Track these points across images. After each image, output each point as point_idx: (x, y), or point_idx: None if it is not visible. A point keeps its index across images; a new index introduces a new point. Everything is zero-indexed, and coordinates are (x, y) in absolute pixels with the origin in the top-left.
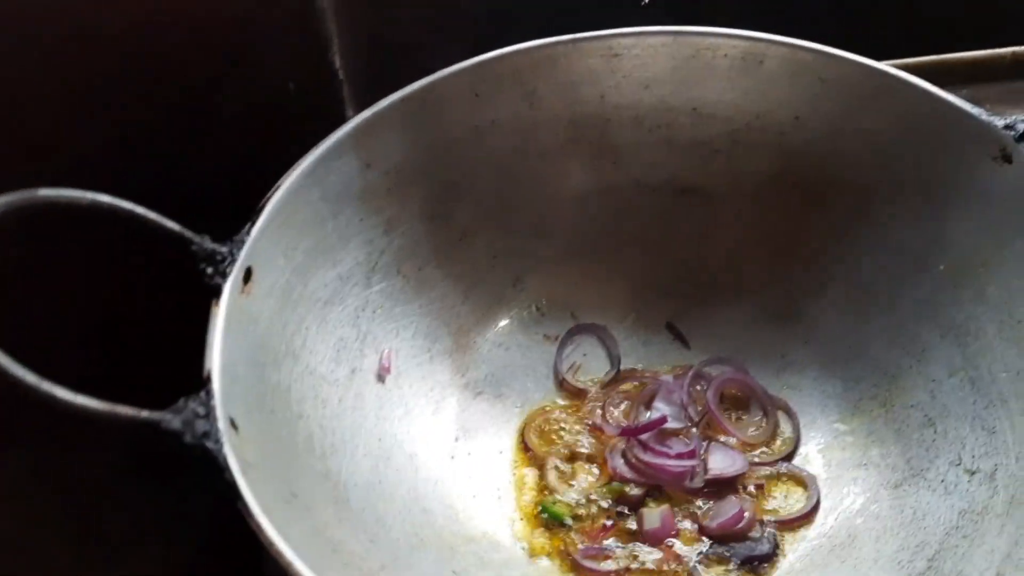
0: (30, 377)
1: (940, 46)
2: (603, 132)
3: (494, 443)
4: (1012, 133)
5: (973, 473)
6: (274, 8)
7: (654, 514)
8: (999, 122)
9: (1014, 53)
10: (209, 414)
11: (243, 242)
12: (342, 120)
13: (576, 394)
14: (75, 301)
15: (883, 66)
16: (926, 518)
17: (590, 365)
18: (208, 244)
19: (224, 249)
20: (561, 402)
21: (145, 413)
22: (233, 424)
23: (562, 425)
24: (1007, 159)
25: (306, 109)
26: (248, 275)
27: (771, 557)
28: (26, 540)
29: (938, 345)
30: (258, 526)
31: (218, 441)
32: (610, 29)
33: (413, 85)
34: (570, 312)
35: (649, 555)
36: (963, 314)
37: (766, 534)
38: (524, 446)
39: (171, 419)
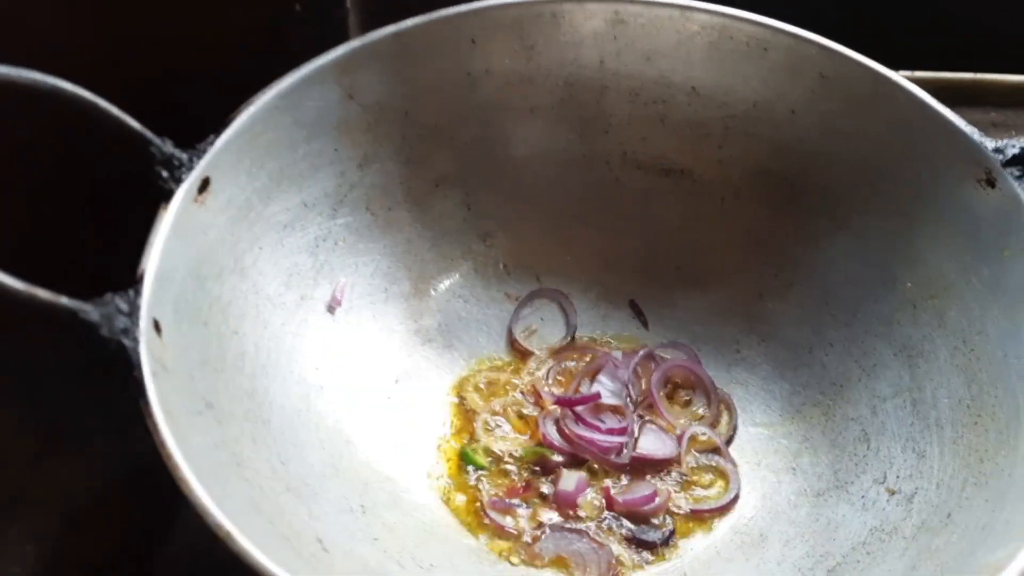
0: None
1: (971, 65)
2: (598, 99)
3: (434, 391)
4: (1000, 157)
5: (893, 493)
6: None
7: (571, 477)
8: (989, 144)
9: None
10: (133, 313)
11: (204, 151)
12: None
13: (524, 355)
14: (30, 190)
15: (883, 70)
16: (838, 530)
17: (545, 330)
18: (168, 148)
19: (184, 155)
20: (507, 361)
21: (64, 300)
22: (157, 327)
23: (502, 384)
24: (991, 183)
25: (310, 33)
26: (205, 185)
27: (654, 546)
28: None
29: (889, 362)
30: (153, 426)
31: (135, 339)
32: None
33: (408, 21)
34: (536, 275)
35: (549, 518)
36: (919, 334)
37: (665, 526)
38: (462, 398)
39: (90, 311)
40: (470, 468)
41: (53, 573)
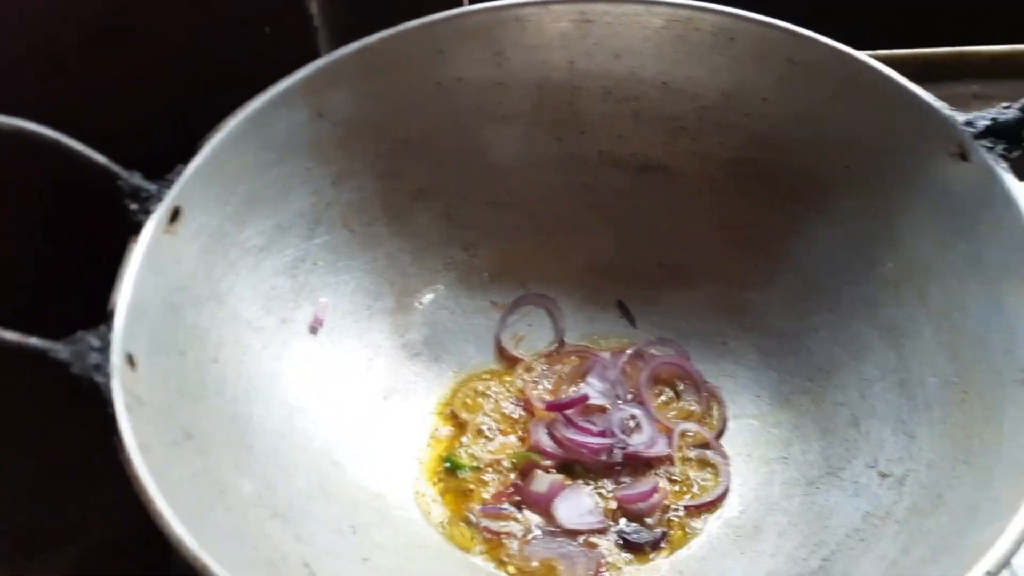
0: None
1: (925, 40)
2: (571, 100)
3: (423, 405)
4: (971, 130)
5: (885, 476)
6: None
7: (544, 479)
8: (960, 117)
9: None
10: (105, 348)
11: (173, 181)
12: None
13: (513, 363)
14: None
15: (852, 52)
16: (832, 517)
17: (534, 336)
18: (135, 180)
19: (152, 187)
20: (496, 370)
21: (33, 340)
22: (131, 360)
23: (493, 393)
24: (964, 157)
25: (281, 54)
26: (176, 215)
27: (641, 548)
28: None
29: (875, 345)
30: (127, 461)
31: (107, 375)
32: None
33: (373, 36)
34: (521, 282)
35: (537, 523)
36: (903, 315)
37: (659, 526)
38: (451, 409)
39: (60, 349)
40: (459, 476)
41: None
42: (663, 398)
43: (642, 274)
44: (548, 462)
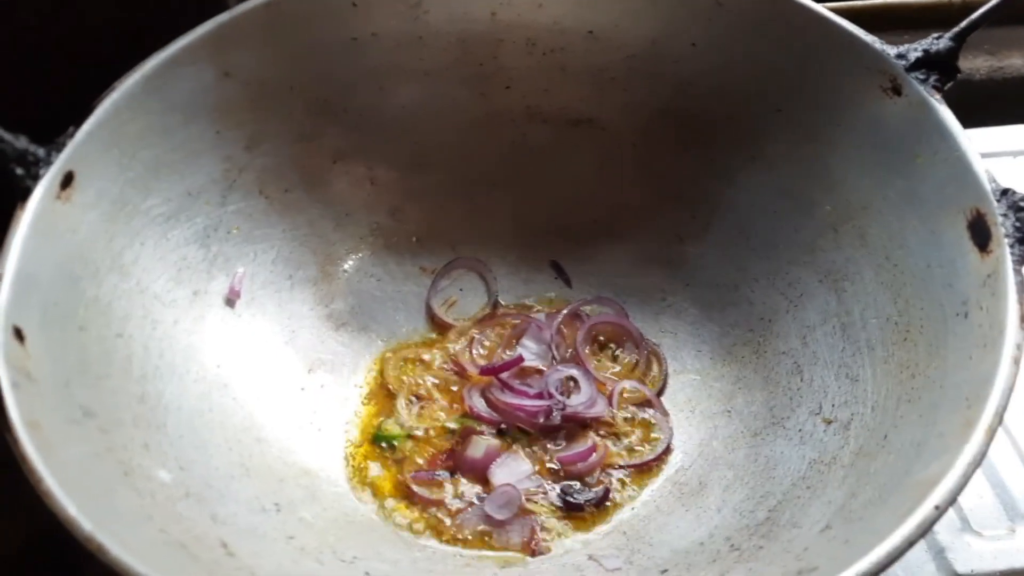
0: None
1: None
2: (495, 53)
3: (351, 376)
4: (903, 63)
5: (830, 423)
6: None
7: (481, 444)
8: (891, 51)
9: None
10: None
11: (64, 145)
12: None
13: (446, 329)
14: None
15: None
16: (777, 467)
17: (466, 301)
18: (21, 144)
19: (40, 151)
20: (428, 337)
21: None
22: (19, 334)
23: (425, 360)
24: (897, 91)
25: (191, 12)
26: (68, 180)
27: (582, 508)
28: None
29: (815, 290)
30: (13, 439)
31: None
32: None
33: None
34: (451, 245)
35: (473, 488)
36: (843, 258)
37: (599, 485)
38: (382, 379)
39: None
40: (391, 447)
41: None
42: (602, 357)
43: (576, 232)
44: (485, 427)
